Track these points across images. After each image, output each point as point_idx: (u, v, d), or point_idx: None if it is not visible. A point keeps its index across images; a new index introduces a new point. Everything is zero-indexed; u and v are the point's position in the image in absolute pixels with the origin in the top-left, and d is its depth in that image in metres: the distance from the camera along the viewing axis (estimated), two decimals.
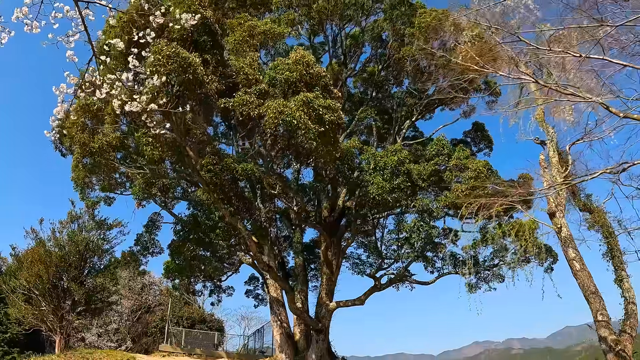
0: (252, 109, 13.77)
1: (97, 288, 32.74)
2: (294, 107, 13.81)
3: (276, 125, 13.65)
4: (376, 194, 17.12)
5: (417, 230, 17.85)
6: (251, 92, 14.10)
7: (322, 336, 22.70)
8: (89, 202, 26.72)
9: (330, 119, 14.46)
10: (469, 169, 19.74)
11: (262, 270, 20.86)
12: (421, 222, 18.00)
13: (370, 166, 18.02)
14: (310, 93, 14.39)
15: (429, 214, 18.36)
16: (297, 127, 13.57)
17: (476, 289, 25.84)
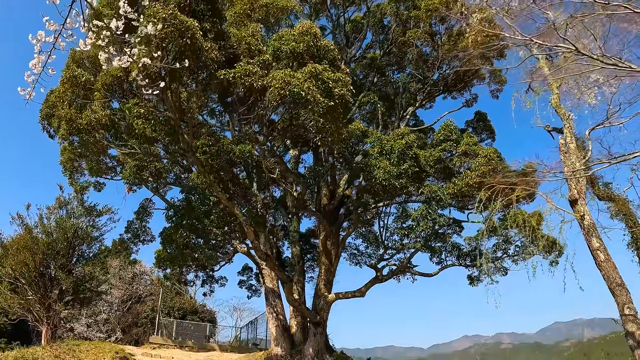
0: (255, 80, 12.67)
1: (86, 277, 31.59)
2: (302, 77, 12.74)
3: (282, 97, 12.57)
4: (383, 178, 16.16)
5: (425, 218, 16.92)
6: (254, 63, 13.03)
7: (320, 329, 21.78)
8: (78, 186, 25.60)
9: (340, 93, 13.42)
10: (479, 155, 18.86)
11: (260, 260, 19.87)
12: (429, 209, 17.06)
13: (375, 150, 17.04)
14: (318, 65, 13.35)
15: (437, 202, 17.43)
16: (305, 100, 12.52)
17: (478, 281, 25.15)
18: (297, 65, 13.44)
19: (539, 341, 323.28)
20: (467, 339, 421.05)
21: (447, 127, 20.04)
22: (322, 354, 21.71)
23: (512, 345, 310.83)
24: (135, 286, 36.21)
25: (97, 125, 14.30)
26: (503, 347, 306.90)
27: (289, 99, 12.80)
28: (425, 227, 16.95)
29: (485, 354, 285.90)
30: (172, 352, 25.36)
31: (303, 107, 12.86)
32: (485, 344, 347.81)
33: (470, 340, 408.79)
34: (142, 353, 22.43)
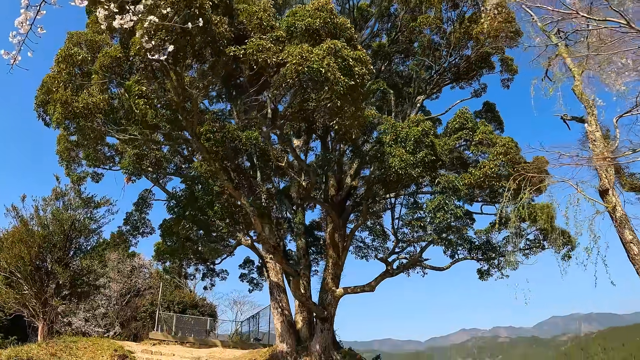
0: (270, 56, 11.67)
1: (84, 270, 30.69)
2: (321, 54, 11.75)
3: (299, 74, 11.60)
4: (399, 167, 15.26)
5: (441, 209, 16.04)
6: (266, 39, 12.04)
7: (327, 325, 20.93)
8: (75, 177, 24.65)
9: (360, 72, 12.47)
10: (497, 144, 17.98)
11: (267, 253, 18.93)
12: (446, 200, 16.17)
13: (390, 137, 16.12)
14: (337, 41, 12.36)
15: (454, 192, 16.54)
16: (324, 79, 11.56)
17: (488, 275, 24.39)
18: (313, 43, 12.47)
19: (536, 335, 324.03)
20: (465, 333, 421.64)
21: (463, 114, 19.14)
22: (329, 350, 20.88)
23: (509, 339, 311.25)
24: (134, 279, 35.35)
25: (95, 109, 13.32)
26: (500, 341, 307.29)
27: (306, 77, 11.83)
28: (442, 219, 16.07)
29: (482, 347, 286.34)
30: (172, 348, 24.50)
31: (320, 86, 11.90)
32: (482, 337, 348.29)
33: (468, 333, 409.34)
34: (141, 350, 21.57)
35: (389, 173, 15.90)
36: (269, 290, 22.89)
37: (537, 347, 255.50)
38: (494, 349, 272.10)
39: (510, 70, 25.82)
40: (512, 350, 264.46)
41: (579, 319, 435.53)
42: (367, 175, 19.37)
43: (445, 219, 16.09)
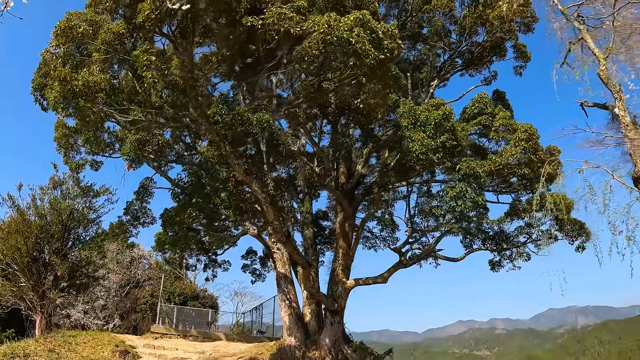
0: (292, 25, 10.67)
1: (82, 262, 29.81)
2: (350, 23, 10.77)
3: (325, 45, 10.60)
4: (419, 152, 14.39)
5: (462, 197, 15.18)
6: (287, 9, 11.04)
7: (338, 318, 20.13)
8: (73, 164, 23.66)
9: (390, 46, 11.51)
10: (518, 130, 17.12)
11: (279, 242, 18.00)
12: (467, 187, 15.32)
13: (408, 121, 15.22)
14: (365, 11, 11.40)
15: (475, 179, 15.68)
16: (352, 50, 10.58)
17: (499, 267, 23.70)
18: (337, 14, 11.47)
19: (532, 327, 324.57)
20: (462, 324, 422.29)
21: (482, 99, 18.25)
22: (339, 344, 20.10)
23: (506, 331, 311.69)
24: (133, 271, 34.48)
25: (96, 88, 12.37)
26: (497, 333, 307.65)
27: (332, 49, 10.83)
28: (463, 207, 15.22)
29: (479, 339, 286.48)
30: (175, 342, 23.69)
31: (347, 60, 10.93)
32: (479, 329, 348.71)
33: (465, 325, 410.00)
34: (143, 345, 20.75)
35: (408, 158, 15.02)
36: (276, 281, 22.09)
37: (534, 339, 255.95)
38: (491, 340, 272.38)
39: (523, 57, 24.91)
40: (509, 342, 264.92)
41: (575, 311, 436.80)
42: (381, 162, 18.47)
43: (466, 207, 15.25)
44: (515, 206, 22.30)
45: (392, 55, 11.89)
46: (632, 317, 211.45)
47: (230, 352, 21.61)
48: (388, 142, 16.16)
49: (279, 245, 21.70)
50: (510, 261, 23.70)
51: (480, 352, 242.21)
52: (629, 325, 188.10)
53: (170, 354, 20.17)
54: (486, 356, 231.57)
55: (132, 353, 17.32)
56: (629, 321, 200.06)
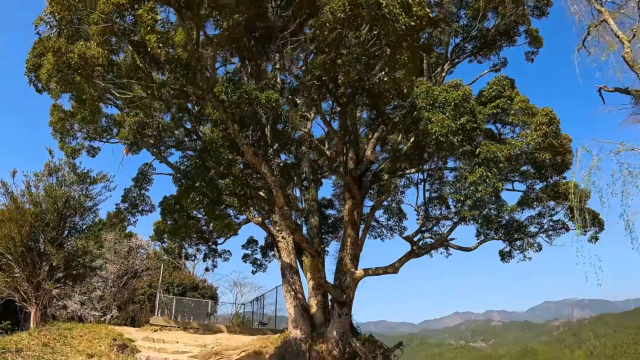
0: None
1: (79, 251, 28.86)
2: None
3: (352, 8, 9.61)
4: (439, 134, 13.49)
5: (483, 182, 14.30)
6: None
7: (346, 310, 19.28)
8: (69, 149, 22.71)
9: (420, 13, 10.58)
10: (538, 114, 16.24)
11: (288, 229, 17.03)
12: (488, 172, 14.44)
13: (426, 102, 14.27)
14: None
15: (495, 164, 14.80)
16: (381, 15, 9.61)
17: (510, 257, 22.97)
18: None
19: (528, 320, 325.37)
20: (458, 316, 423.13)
21: (500, 81, 17.34)
22: (347, 337, 19.26)
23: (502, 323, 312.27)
24: (131, 260, 33.59)
25: (93, 61, 11.42)
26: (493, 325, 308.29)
27: (359, 12, 9.84)
28: (484, 193, 14.35)
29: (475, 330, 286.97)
30: (175, 334, 22.84)
31: (373, 25, 9.98)
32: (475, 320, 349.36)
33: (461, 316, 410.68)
34: (142, 338, 19.88)
35: (427, 140, 14.13)
36: (281, 272, 21.22)
37: (530, 331, 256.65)
38: (487, 332, 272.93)
39: (536, 43, 23.92)
40: (505, 334, 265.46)
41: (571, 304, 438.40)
42: (393, 147, 17.54)
43: (487, 192, 14.37)
44: (527, 195, 21.58)
45: (422, 24, 10.95)
46: (628, 311, 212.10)
47: (233, 345, 20.78)
48: (403, 124, 15.22)
49: (283, 234, 20.83)
50: (521, 252, 22.98)
51: (477, 344, 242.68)
52: (625, 319, 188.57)
53: (171, 347, 19.32)
54: (482, 348, 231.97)
55: (131, 347, 16.44)
56: (624, 315, 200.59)
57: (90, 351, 14.39)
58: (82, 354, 13.96)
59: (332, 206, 27.79)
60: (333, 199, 27.74)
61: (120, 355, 14.81)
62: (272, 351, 19.56)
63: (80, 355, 13.83)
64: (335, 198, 27.62)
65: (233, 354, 19.15)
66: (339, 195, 27.31)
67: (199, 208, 14.10)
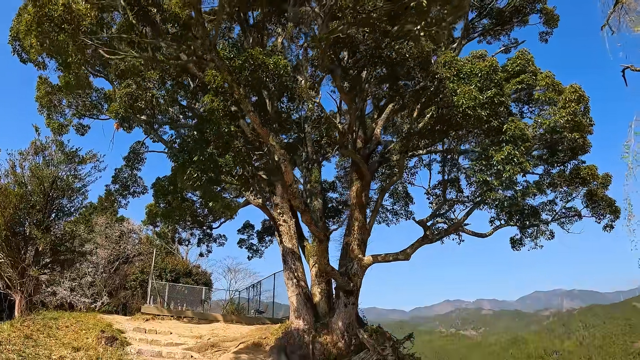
0: None
1: (67, 235, 27.39)
2: None
3: None
4: (466, 106, 12.18)
5: (510, 162, 13.03)
6: None
7: (352, 299, 18.04)
8: (56, 124, 21.17)
9: None
10: (566, 91, 14.95)
11: (297, 209, 15.55)
12: (516, 151, 13.16)
13: (451, 72, 12.94)
14: None
15: (523, 142, 13.52)
16: None
17: (520, 245, 21.89)
18: None
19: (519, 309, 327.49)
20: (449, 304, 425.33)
21: (524, 55, 15.97)
22: (353, 328, 18.04)
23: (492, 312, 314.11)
24: (122, 245, 32.17)
25: (80, 16, 9.97)
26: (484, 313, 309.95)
27: None
28: (512, 172, 13.08)
29: (466, 318, 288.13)
30: (168, 324, 21.50)
31: None
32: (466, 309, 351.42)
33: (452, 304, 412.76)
34: (133, 328, 18.49)
35: (452, 113, 12.80)
36: (282, 257, 19.93)
37: (520, 320, 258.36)
38: (478, 320, 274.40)
39: (551, 22, 22.55)
40: (495, 322, 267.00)
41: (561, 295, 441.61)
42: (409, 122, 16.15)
43: (515, 172, 13.12)
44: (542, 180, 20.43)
45: None
46: (617, 303, 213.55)
47: (231, 337, 19.49)
48: (424, 97, 13.83)
49: (285, 217, 19.52)
50: (532, 239, 21.90)
51: (467, 332, 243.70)
52: (614, 311, 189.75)
53: (164, 339, 17.95)
54: (472, 336, 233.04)
55: (120, 339, 15.04)
56: (614, 306, 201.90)
57: (76, 344, 13.06)
58: (68, 348, 12.64)
59: (334, 189, 26.49)
60: (336, 181, 26.44)
61: (108, 348, 13.48)
62: (272, 343, 18.31)
63: (66, 349, 12.52)
64: (339, 180, 26.31)
65: (231, 346, 17.87)
66: (342, 178, 26.01)
67: (196, 186, 12.66)
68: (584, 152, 19.29)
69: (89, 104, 22.17)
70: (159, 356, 14.87)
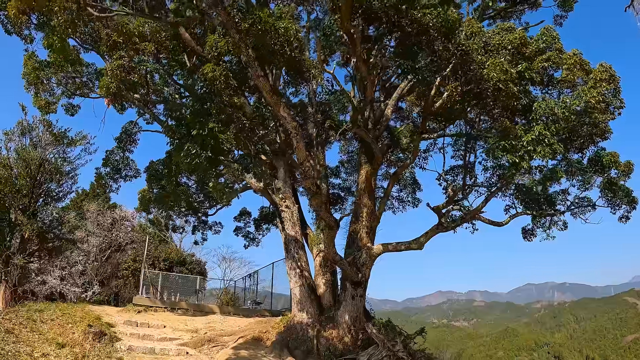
0: None
1: (54, 222, 26.10)
2: None
3: None
4: (498, 79, 10.97)
5: (542, 142, 11.85)
6: None
7: (360, 290, 16.86)
8: (43, 102, 19.76)
9: None
10: (595, 70, 13.77)
11: (308, 191, 14.06)
12: (547, 131, 11.99)
13: (478, 44, 11.70)
14: None
15: (554, 122, 12.35)
16: None
17: (532, 236, 20.85)
18: None
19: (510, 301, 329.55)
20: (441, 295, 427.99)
21: (549, 31, 14.72)
22: (360, 321, 16.88)
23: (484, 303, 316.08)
24: (115, 233, 30.81)
25: None
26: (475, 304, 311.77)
27: None
28: (544, 154, 11.92)
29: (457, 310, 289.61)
30: (162, 317, 20.23)
31: None
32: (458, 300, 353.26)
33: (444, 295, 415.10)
34: (124, 321, 17.19)
35: (484, 88, 11.56)
36: (284, 245, 18.71)
37: (511, 312, 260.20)
38: (469, 312, 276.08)
39: (566, 5, 21.29)
40: (487, 314, 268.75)
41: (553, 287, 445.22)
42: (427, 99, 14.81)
43: (546, 154, 11.95)
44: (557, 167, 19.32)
45: None
46: (608, 297, 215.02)
47: (228, 330, 18.28)
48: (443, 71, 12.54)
49: (288, 202, 18.30)
50: (544, 230, 20.83)
51: (458, 323, 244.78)
52: (605, 305, 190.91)
53: (157, 333, 16.62)
54: (464, 327, 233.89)
55: (110, 334, 13.66)
56: (604, 300, 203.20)
57: (61, 340, 11.80)
58: (52, 344, 11.38)
59: (338, 174, 25.24)
60: (339, 166, 25.17)
61: (96, 345, 12.21)
62: (273, 337, 17.12)
63: (49, 345, 11.26)
64: (342, 165, 25.04)
65: (229, 341, 16.64)
66: (346, 162, 24.73)
67: (194, 164, 11.32)
68: (604, 139, 18.18)
69: (80, 82, 20.85)
70: (151, 353, 13.59)
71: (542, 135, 11.89)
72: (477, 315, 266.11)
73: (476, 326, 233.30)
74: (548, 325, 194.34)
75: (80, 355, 11.23)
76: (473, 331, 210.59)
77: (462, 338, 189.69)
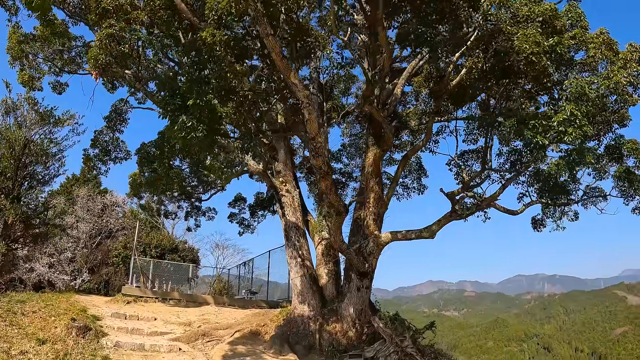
0: None
1: (40, 207, 24.80)
2: None
3: None
4: (530, 52, 9.90)
5: (572, 124, 10.81)
6: None
7: (367, 282, 15.80)
8: (27, 76, 18.46)
9: None
10: (626, 50, 12.74)
11: (317, 172, 12.78)
12: (579, 111, 10.95)
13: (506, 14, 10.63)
14: None
15: (585, 102, 11.32)
16: None
17: (542, 227, 19.94)
18: None
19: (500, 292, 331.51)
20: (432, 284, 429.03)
21: (574, 8, 13.64)
22: (366, 315, 15.87)
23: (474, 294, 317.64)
24: (105, 219, 29.59)
25: None
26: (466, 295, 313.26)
27: None
28: (575, 135, 10.90)
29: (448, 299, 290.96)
30: (153, 308, 19.10)
31: None
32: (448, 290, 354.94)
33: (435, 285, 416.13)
34: (112, 314, 15.99)
35: (515, 60, 10.47)
36: (284, 233, 17.64)
37: (502, 303, 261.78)
38: (460, 302, 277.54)
39: None
40: (477, 304, 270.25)
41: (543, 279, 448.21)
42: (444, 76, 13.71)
43: (577, 136, 10.92)
44: None
45: None
46: (598, 290, 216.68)
47: (224, 323, 17.19)
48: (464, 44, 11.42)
49: (288, 187, 17.23)
50: (555, 220, 19.90)
51: (449, 313, 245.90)
52: (595, 298, 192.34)
53: (147, 326, 15.42)
54: (454, 317, 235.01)
55: (95, 329, 12.39)
56: (594, 293, 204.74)
57: (42, 335, 10.67)
58: (32, 339, 10.27)
59: (339, 159, 24.15)
60: (342, 150, 24.07)
61: (80, 341, 11.05)
62: (272, 331, 16.08)
63: (29, 341, 10.14)
64: (345, 149, 23.94)
65: (225, 335, 15.55)
66: (348, 146, 23.61)
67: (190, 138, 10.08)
68: (623, 126, 17.16)
69: (68, 58, 19.62)
70: (140, 349, 12.42)
71: (573, 115, 10.86)
72: (468, 305, 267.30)
73: (466, 316, 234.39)
74: (538, 316, 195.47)
75: (62, 353, 10.10)
76: (463, 321, 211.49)
77: (453, 328, 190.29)
